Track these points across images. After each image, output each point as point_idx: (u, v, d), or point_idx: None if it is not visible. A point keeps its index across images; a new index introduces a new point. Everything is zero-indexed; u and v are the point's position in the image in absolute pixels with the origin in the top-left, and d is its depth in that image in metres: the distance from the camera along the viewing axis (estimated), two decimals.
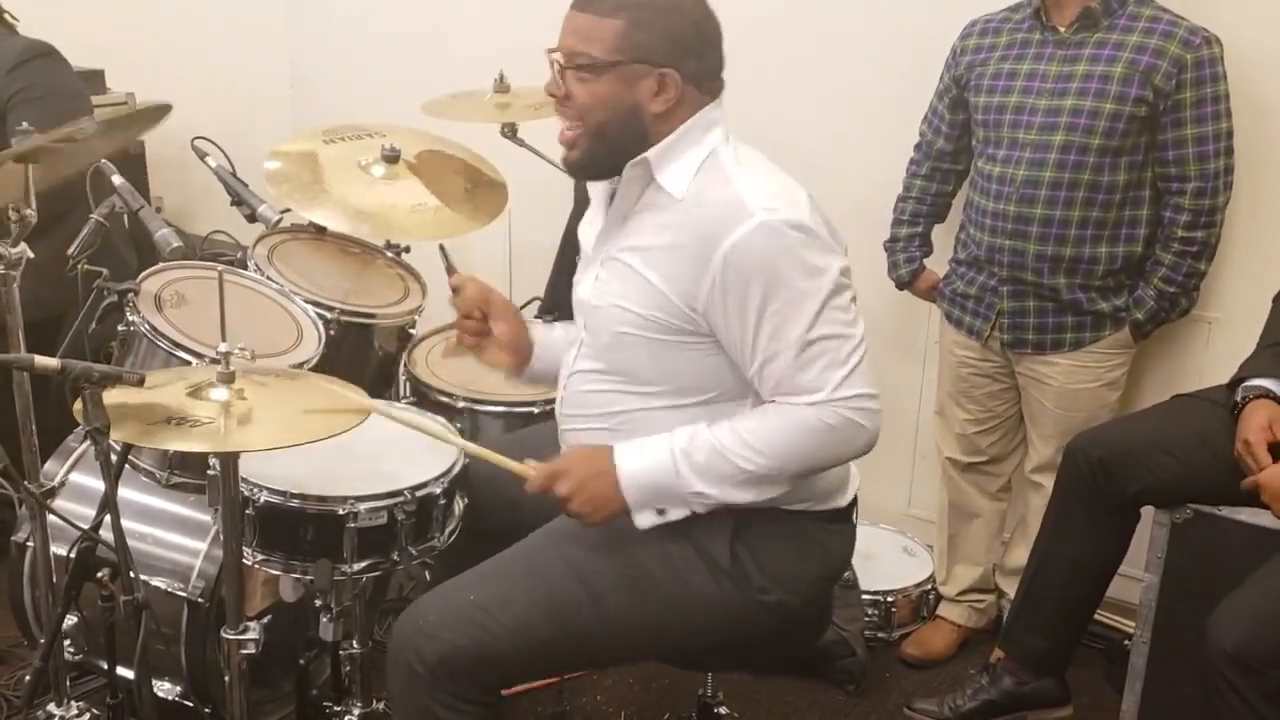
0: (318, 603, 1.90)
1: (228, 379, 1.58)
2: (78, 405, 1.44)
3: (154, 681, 2.05)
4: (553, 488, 1.58)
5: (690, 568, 1.63)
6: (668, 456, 1.55)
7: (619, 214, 1.65)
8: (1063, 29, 2.29)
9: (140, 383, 1.45)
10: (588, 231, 1.76)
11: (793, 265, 1.50)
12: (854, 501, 1.77)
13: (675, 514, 1.58)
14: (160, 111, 1.87)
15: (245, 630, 1.69)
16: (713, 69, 1.62)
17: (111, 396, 1.46)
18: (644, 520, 1.58)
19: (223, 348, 1.59)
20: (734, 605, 1.64)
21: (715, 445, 1.54)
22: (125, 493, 2.08)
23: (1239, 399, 1.94)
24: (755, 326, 1.52)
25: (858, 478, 1.78)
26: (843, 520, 1.74)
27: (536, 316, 2.68)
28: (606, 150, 1.61)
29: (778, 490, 1.57)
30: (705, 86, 1.61)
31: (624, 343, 1.62)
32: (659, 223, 1.59)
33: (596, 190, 1.75)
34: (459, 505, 1.94)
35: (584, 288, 1.71)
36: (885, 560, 2.83)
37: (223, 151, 2.44)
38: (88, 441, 2.16)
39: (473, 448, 1.75)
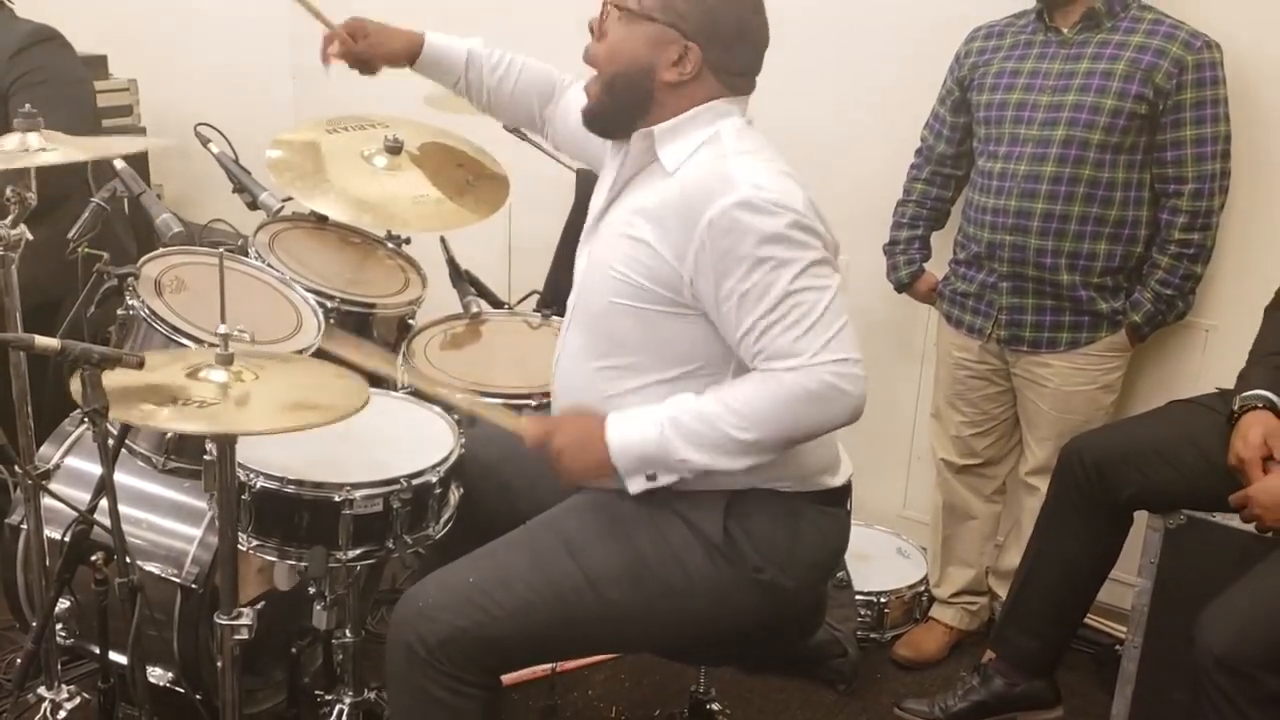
0: (311, 590, 1.91)
1: (226, 361, 1.58)
2: (76, 386, 1.44)
3: (146, 667, 2.05)
4: (547, 441, 1.61)
5: (686, 549, 1.64)
6: (655, 428, 1.57)
7: (620, 182, 1.69)
8: (1066, 30, 2.31)
9: (140, 365, 1.45)
10: (597, 199, 1.78)
11: (774, 237, 1.51)
12: (848, 488, 1.77)
13: (665, 479, 1.59)
14: None
15: (239, 616, 1.69)
16: (742, 66, 1.65)
17: (110, 379, 1.46)
18: (635, 485, 1.60)
19: (222, 329, 1.59)
20: (729, 584, 1.65)
21: (701, 412, 1.55)
22: (121, 477, 2.08)
23: (1236, 407, 1.95)
24: (738, 295, 1.53)
25: (849, 463, 1.79)
26: (836, 504, 1.75)
27: (536, 310, 2.68)
28: (612, 104, 1.66)
29: (764, 457, 1.57)
30: (728, 80, 1.63)
31: (613, 311, 1.64)
32: (653, 193, 1.62)
33: (608, 158, 1.77)
34: (454, 495, 1.94)
35: (582, 256, 1.75)
36: (879, 561, 2.84)
37: (225, 139, 2.44)
38: (84, 425, 2.18)
39: (472, 404, 1.75)
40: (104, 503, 1.55)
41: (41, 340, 1.44)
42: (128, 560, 1.55)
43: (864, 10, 2.80)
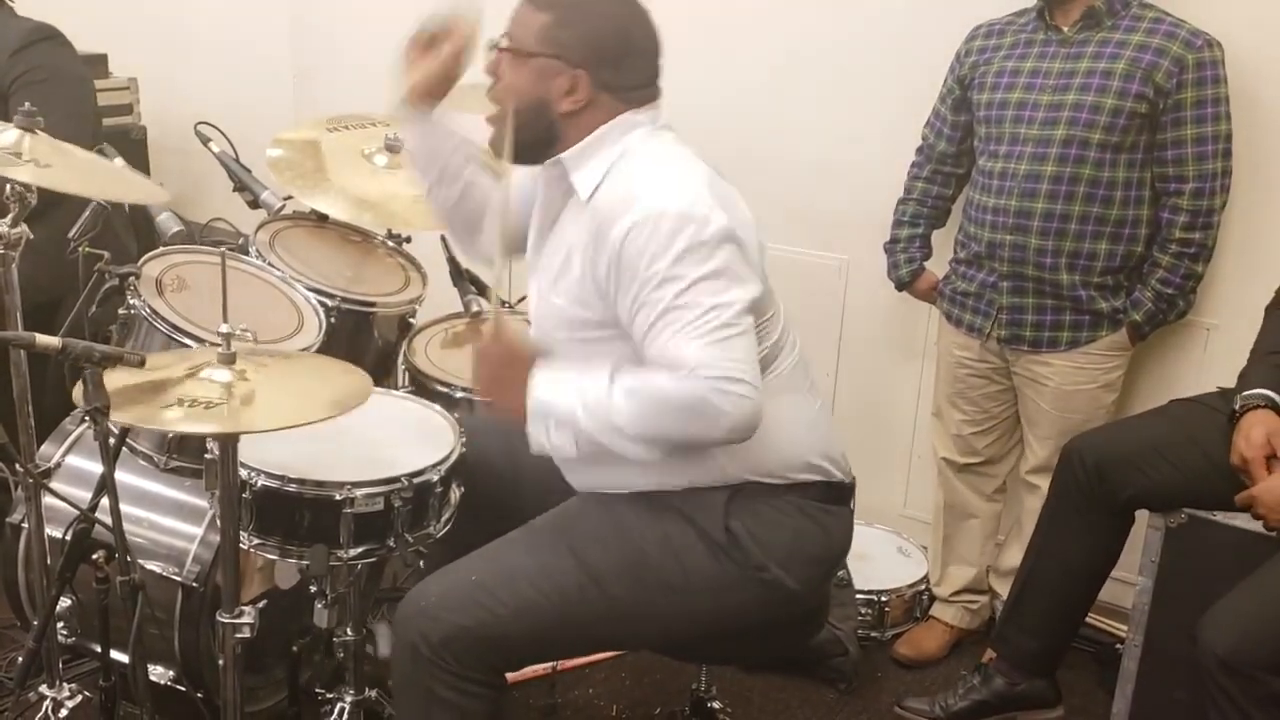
0: (312, 589, 1.91)
1: (228, 360, 1.58)
2: (78, 386, 1.44)
3: (147, 665, 2.05)
4: (488, 361, 1.64)
5: (688, 547, 1.65)
6: (574, 397, 1.57)
7: (545, 215, 1.71)
8: (1066, 29, 2.31)
9: (141, 364, 1.45)
10: (530, 235, 1.79)
11: (665, 250, 1.51)
12: (852, 487, 1.78)
13: (559, 437, 1.59)
14: None
15: (240, 615, 1.69)
16: (637, 79, 1.64)
17: (112, 379, 1.46)
18: (534, 429, 1.60)
19: (224, 329, 1.59)
20: (731, 582, 1.65)
21: (601, 399, 1.55)
22: (122, 476, 2.08)
23: (1238, 406, 1.94)
24: (636, 308, 1.54)
25: (843, 458, 1.78)
26: (841, 502, 1.75)
27: None
28: (519, 137, 1.65)
29: (637, 451, 1.56)
30: (625, 95, 1.63)
31: (571, 344, 1.66)
32: (576, 225, 1.63)
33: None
34: (455, 494, 1.94)
35: (531, 289, 1.76)
36: (880, 560, 2.84)
37: (226, 137, 2.44)
38: (84, 424, 2.18)
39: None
40: (105, 501, 1.55)
41: (43, 339, 1.44)
42: (129, 559, 1.55)
43: (864, 9, 2.79)
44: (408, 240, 2.60)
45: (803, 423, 1.72)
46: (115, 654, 1.93)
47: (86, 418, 1.39)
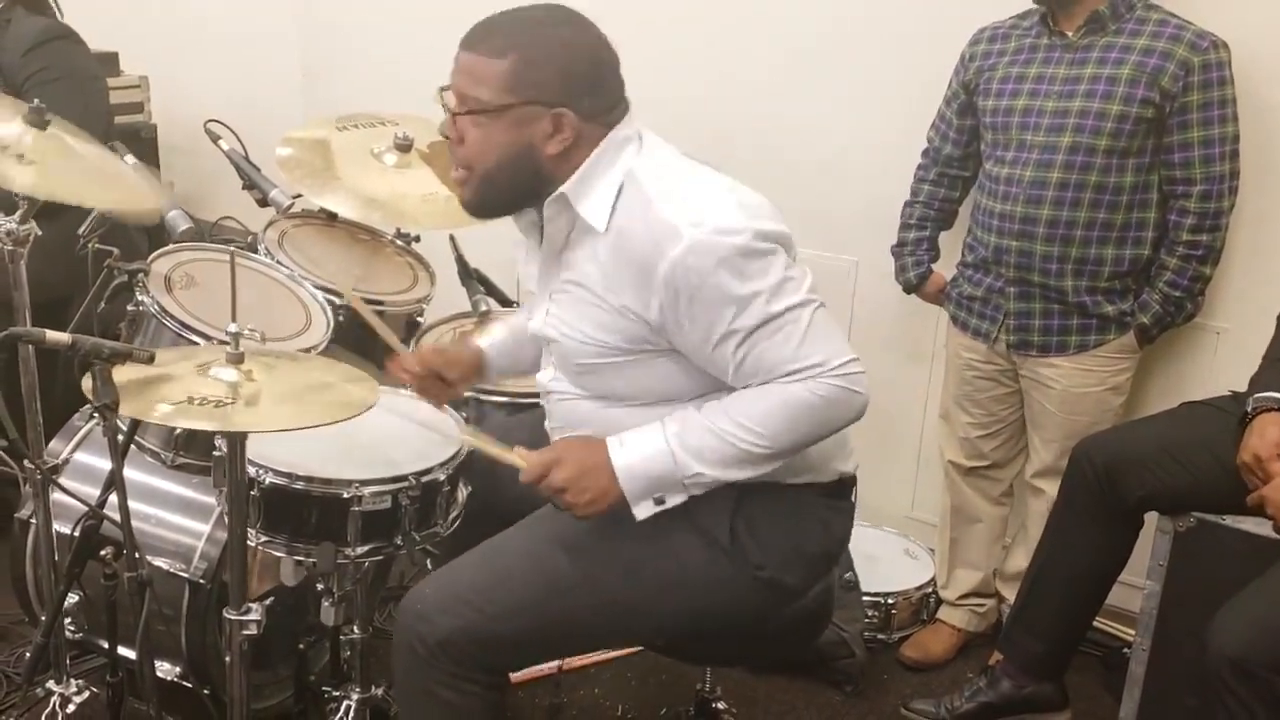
0: (319, 586, 1.91)
1: (237, 360, 1.58)
2: (86, 382, 1.44)
3: (154, 661, 2.05)
4: (547, 478, 1.56)
5: (686, 545, 1.63)
6: (663, 444, 1.54)
7: (552, 251, 1.62)
8: (1070, 33, 2.30)
9: (150, 360, 1.45)
10: (527, 270, 1.72)
11: (735, 273, 1.47)
12: (854, 480, 1.75)
13: (673, 500, 1.56)
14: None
15: (247, 611, 1.69)
16: (612, 100, 1.56)
17: (120, 375, 1.46)
18: (643, 511, 1.56)
19: (232, 328, 1.59)
20: (728, 580, 1.63)
21: (710, 428, 1.53)
22: (130, 473, 2.08)
23: (1249, 410, 1.94)
24: (717, 339, 1.50)
25: (854, 452, 1.77)
26: (843, 497, 1.74)
27: None
28: (498, 192, 1.56)
29: (775, 465, 1.56)
30: (605, 118, 1.55)
31: (594, 370, 1.61)
32: (592, 254, 1.56)
33: (522, 226, 1.68)
34: (463, 492, 1.94)
35: (537, 322, 1.67)
36: (887, 562, 2.83)
37: (235, 136, 2.45)
38: (93, 420, 2.18)
39: (469, 439, 1.73)
40: (113, 498, 1.56)
41: (52, 335, 1.45)
42: (136, 555, 1.55)
43: (869, 11, 2.79)
44: (416, 239, 2.60)
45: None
46: (122, 650, 1.94)
47: (95, 414, 1.40)
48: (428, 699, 1.61)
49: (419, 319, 2.47)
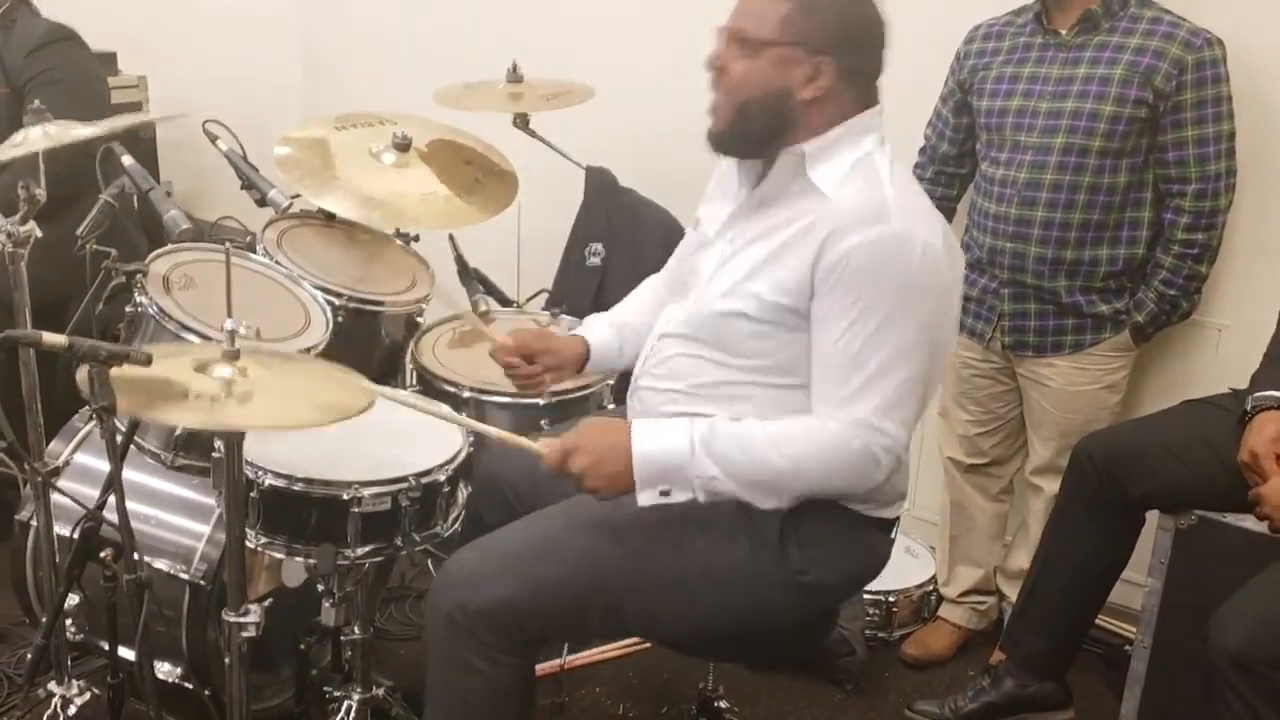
0: (320, 587, 1.91)
1: (233, 356, 1.57)
2: (83, 381, 1.43)
3: (155, 663, 2.05)
4: (567, 464, 1.57)
5: (733, 540, 1.64)
6: (685, 440, 1.54)
7: (761, 197, 1.66)
8: (1064, 32, 2.29)
9: (147, 362, 1.45)
10: (714, 209, 1.76)
11: (903, 284, 1.51)
12: (898, 520, 1.79)
13: (679, 496, 1.56)
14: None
15: (246, 613, 1.69)
16: (871, 71, 1.63)
17: (116, 374, 1.46)
18: (646, 498, 1.57)
19: (228, 325, 1.59)
20: (770, 582, 1.64)
21: (738, 436, 1.54)
22: (130, 474, 2.09)
23: (1249, 408, 1.93)
24: (839, 326, 1.52)
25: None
26: (887, 530, 1.76)
27: (544, 309, 2.68)
28: (746, 129, 1.62)
29: (780, 502, 1.56)
30: (861, 87, 1.62)
31: (730, 321, 1.63)
32: (801, 214, 1.59)
33: (723, 169, 1.75)
34: (463, 493, 1.94)
35: (707, 262, 1.71)
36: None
37: (234, 135, 2.44)
38: (93, 422, 2.18)
39: (485, 428, 1.74)
40: (113, 499, 1.55)
41: (49, 337, 1.44)
42: (135, 557, 1.55)
43: None
44: (416, 239, 2.60)
45: (891, 475, 1.69)
46: (123, 651, 1.93)
47: (93, 417, 1.39)
48: (464, 670, 1.60)
49: (418, 319, 2.47)
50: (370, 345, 2.39)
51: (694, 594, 1.66)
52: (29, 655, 2.00)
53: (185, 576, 2.03)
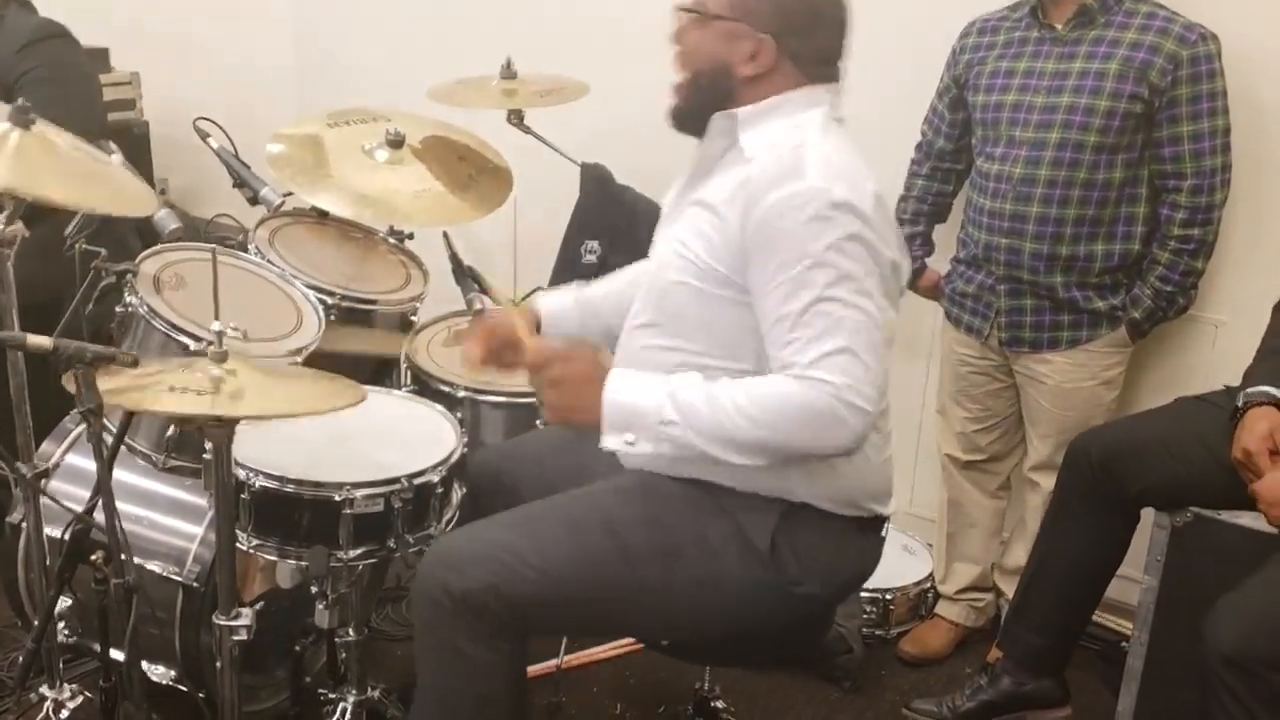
0: (314, 590, 1.90)
1: (220, 359, 1.56)
2: (69, 384, 1.42)
3: (148, 665, 2.04)
4: (545, 368, 1.57)
5: (726, 548, 1.62)
6: (660, 392, 1.52)
7: (700, 166, 1.68)
8: (1059, 27, 2.28)
9: (134, 364, 1.44)
10: (674, 189, 1.78)
11: (821, 235, 1.48)
12: (888, 519, 1.78)
13: (643, 446, 1.53)
14: None
15: (238, 616, 1.68)
16: (820, 53, 1.64)
17: (106, 380, 1.45)
18: (610, 441, 1.54)
19: (215, 326, 1.57)
20: (761, 591, 1.63)
21: (709, 393, 1.52)
22: (122, 475, 2.08)
23: (1240, 404, 1.93)
24: (776, 284, 1.50)
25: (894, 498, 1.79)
26: (878, 531, 1.76)
27: None
28: (696, 102, 1.66)
29: (750, 459, 1.52)
30: (808, 69, 1.63)
31: (677, 291, 1.63)
32: (730, 177, 1.60)
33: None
34: (457, 494, 1.93)
35: (660, 236, 1.74)
36: (885, 558, 2.78)
37: (225, 133, 2.43)
38: (84, 423, 2.17)
39: (486, 298, 1.72)
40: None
41: (34, 339, 1.43)
42: (123, 559, 1.54)
43: (861, 4, 2.76)
44: (409, 237, 2.59)
45: (877, 463, 1.70)
46: (115, 654, 1.92)
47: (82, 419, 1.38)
48: (451, 653, 1.58)
49: (412, 318, 2.46)
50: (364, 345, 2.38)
51: (685, 601, 1.64)
52: (20, 658, 1.98)
53: (178, 578, 2.02)
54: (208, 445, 1.72)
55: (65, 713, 2.03)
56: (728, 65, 1.62)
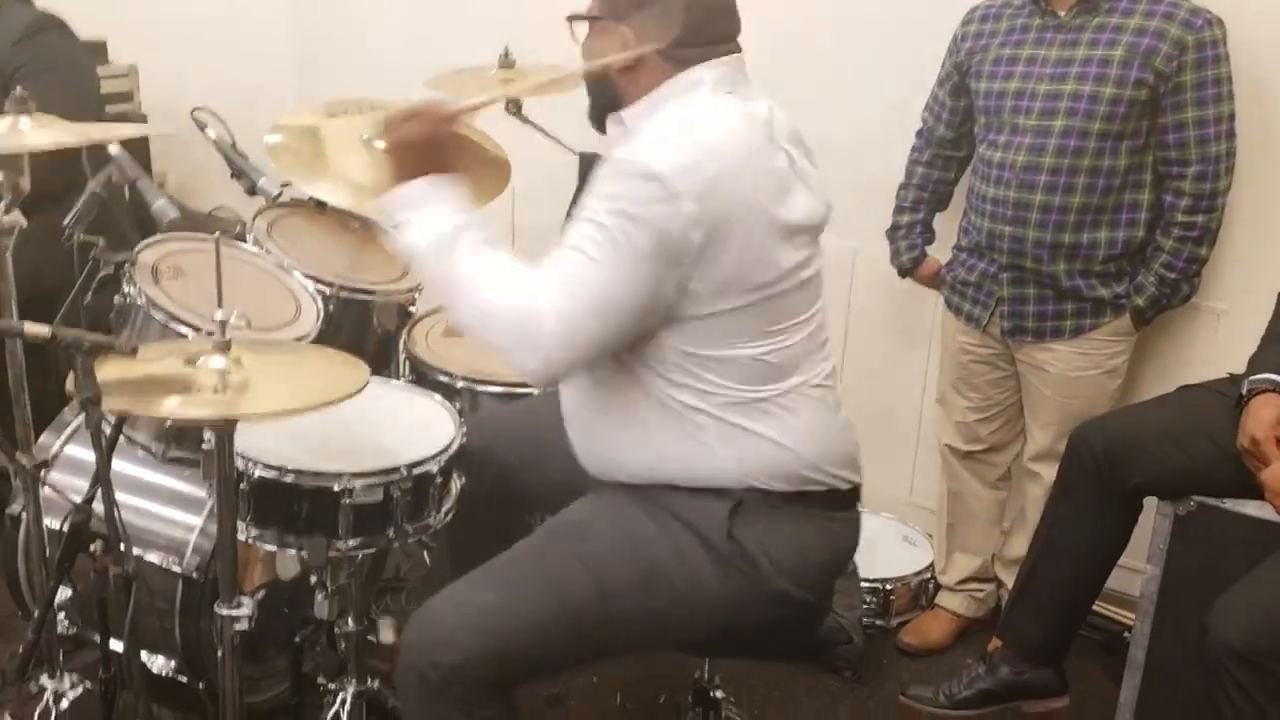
0: (313, 580, 1.89)
1: (223, 348, 1.56)
2: (70, 375, 1.42)
3: (148, 656, 2.04)
4: (401, 125, 1.59)
5: (695, 559, 1.61)
6: (464, 217, 1.55)
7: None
8: (1062, 13, 2.27)
9: (133, 352, 1.43)
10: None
11: (615, 195, 1.49)
12: (857, 492, 1.75)
13: (407, 234, 1.56)
14: None
15: (239, 605, 1.67)
16: (690, 38, 1.60)
17: (107, 368, 1.44)
18: (388, 206, 1.58)
19: (218, 315, 1.57)
20: (742, 594, 1.62)
21: (488, 253, 1.54)
22: (121, 466, 2.08)
23: (1245, 391, 1.92)
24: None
25: (862, 468, 1.76)
26: (848, 508, 1.73)
27: None
28: (595, 106, 1.69)
29: (458, 317, 1.54)
30: (678, 54, 1.60)
31: None
32: None
33: None
34: (456, 484, 1.92)
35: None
36: (885, 548, 2.82)
37: (223, 123, 2.42)
38: (83, 413, 2.16)
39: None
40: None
41: (32, 327, 1.42)
42: (122, 549, 1.53)
43: None
44: None
45: (818, 436, 1.66)
46: (115, 644, 1.91)
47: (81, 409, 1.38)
48: None
49: (411, 308, 2.45)
50: (362, 335, 2.37)
51: (670, 619, 1.64)
52: (20, 649, 1.98)
53: (178, 569, 2.02)
54: (207, 436, 1.72)
55: (65, 703, 2.03)
56: (605, 64, 1.63)
